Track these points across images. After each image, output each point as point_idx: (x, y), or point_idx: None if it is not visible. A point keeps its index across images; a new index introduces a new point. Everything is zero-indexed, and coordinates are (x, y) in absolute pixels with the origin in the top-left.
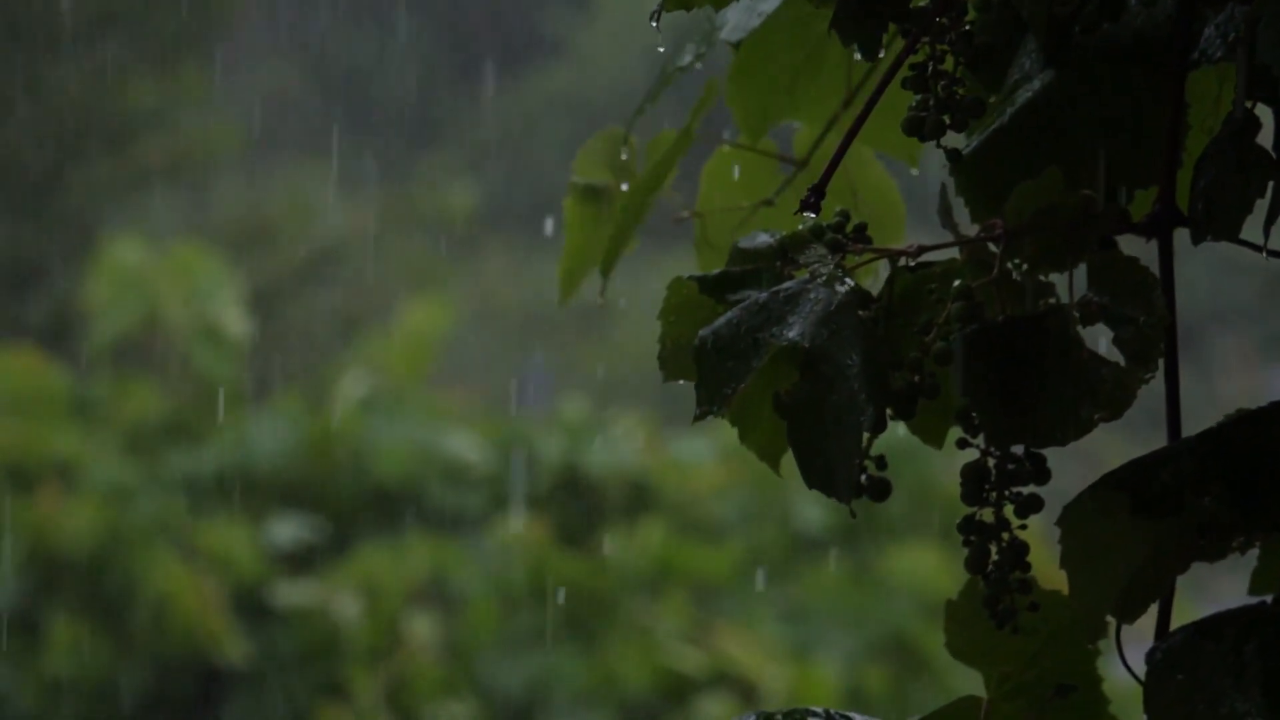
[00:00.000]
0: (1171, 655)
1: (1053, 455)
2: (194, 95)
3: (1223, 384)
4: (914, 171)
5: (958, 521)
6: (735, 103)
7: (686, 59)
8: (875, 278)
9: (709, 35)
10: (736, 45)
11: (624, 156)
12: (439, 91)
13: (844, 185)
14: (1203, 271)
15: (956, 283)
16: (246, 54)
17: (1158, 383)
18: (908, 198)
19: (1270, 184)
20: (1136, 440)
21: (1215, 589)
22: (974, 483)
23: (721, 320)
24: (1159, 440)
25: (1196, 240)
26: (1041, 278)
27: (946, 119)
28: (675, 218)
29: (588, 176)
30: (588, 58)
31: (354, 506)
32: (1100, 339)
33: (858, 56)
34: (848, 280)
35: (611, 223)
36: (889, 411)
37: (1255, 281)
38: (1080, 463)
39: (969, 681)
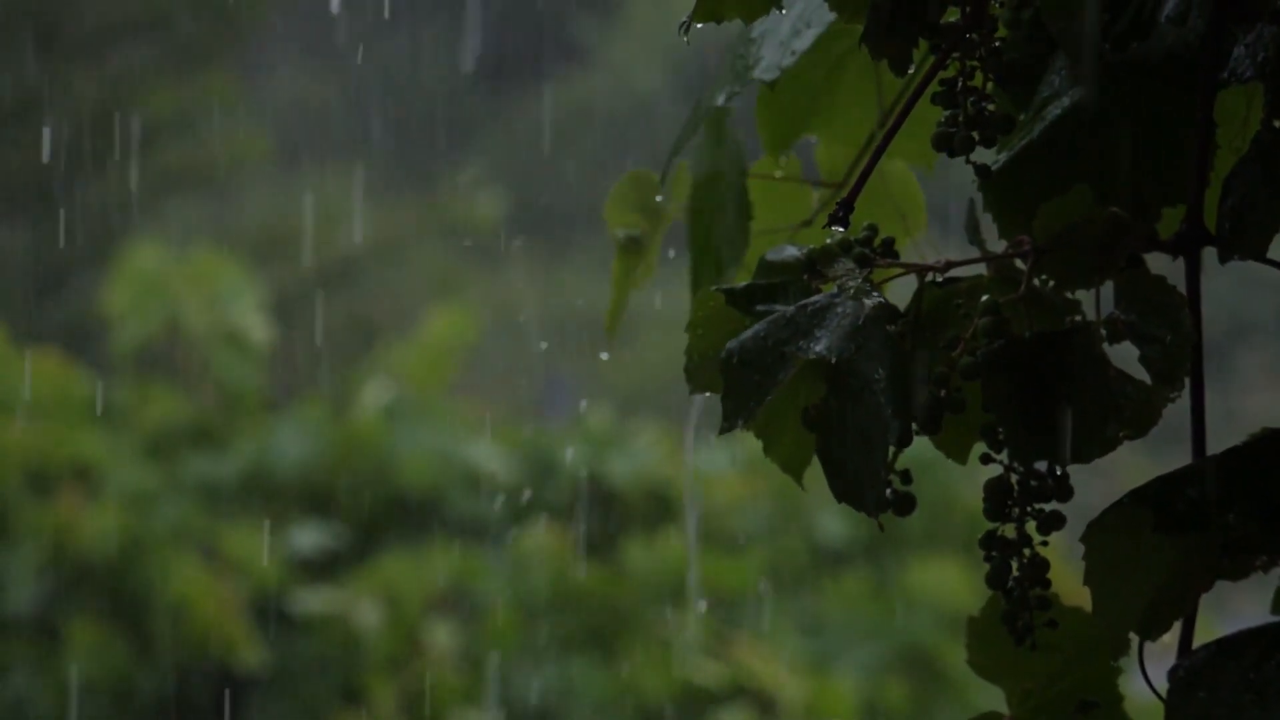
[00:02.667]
0: (1194, 672)
1: (1074, 472)
2: (219, 102)
3: (1245, 401)
4: (928, 175)
5: (979, 537)
6: (761, 118)
7: (720, 99)
8: (903, 294)
9: (742, 75)
10: (771, 85)
11: (659, 199)
12: (465, 101)
13: (875, 188)
14: (1226, 288)
15: (984, 298)
16: (272, 61)
17: (1179, 400)
18: (936, 213)
19: None
20: (1158, 457)
21: (1235, 607)
22: (997, 498)
23: (749, 333)
24: (1180, 457)
25: (1224, 259)
26: (1068, 295)
27: (975, 135)
28: None
29: (622, 225)
30: (615, 68)
31: (375, 514)
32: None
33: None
34: (875, 295)
35: (646, 262)
36: (914, 426)
37: (1278, 299)
38: (1101, 479)
39: (989, 697)
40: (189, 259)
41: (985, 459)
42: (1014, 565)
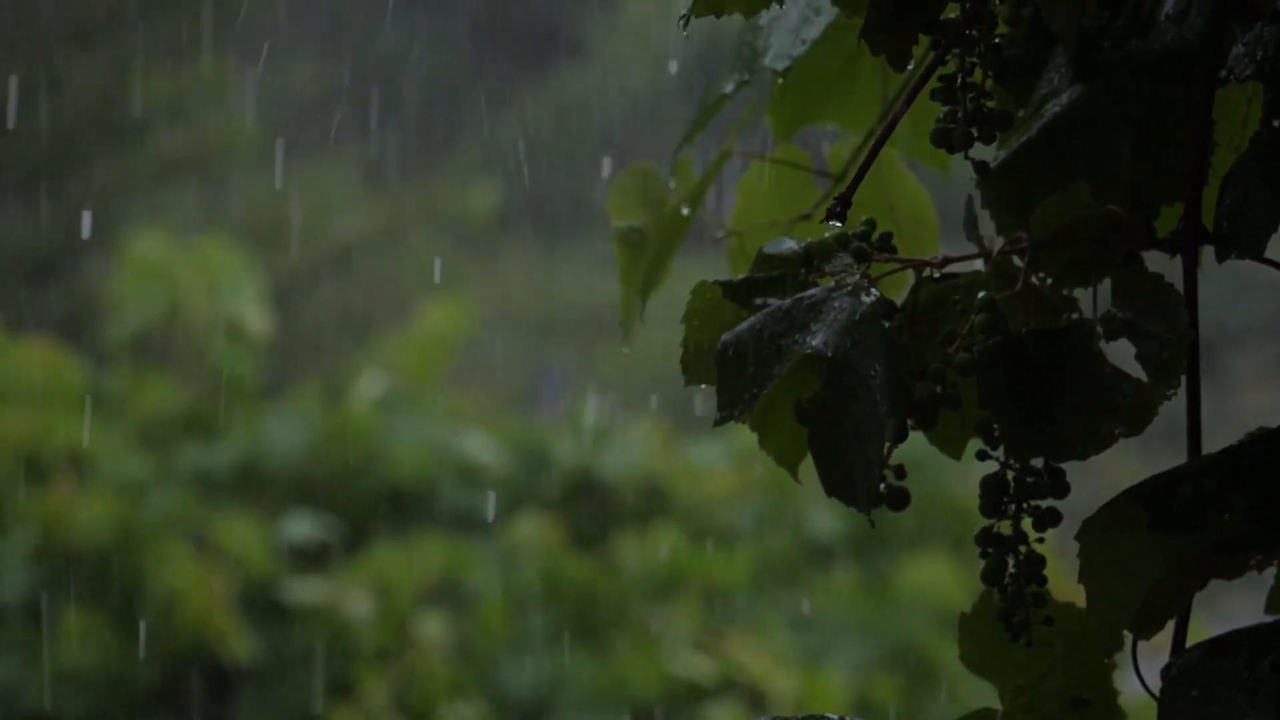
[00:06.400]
0: (1187, 671)
1: (1066, 471)
2: (215, 90)
3: (1237, 402)
4: (943, 178)
5: (975, 533)
6: (773, 107)
7: (729, 87)
8: (901, 289)
9: (751, 63)
10: (783, 73)
11: (671, 184)
12: (461, 91)
13: (879, 198)
14: (1218, 289)
15: (981, 294)
16: (268, 50)
17: (1172, 399)
18: (936, 207)
19: None
20: (1150, 456)
21: (1225, 608)
22: (993, 495)
23: (745, 325)
24: (1172, 457)
25: (1221, 258)
26: (1065, 291)
27: (974, 131)
28: (714, 237)
29: (624, 217)
30: (610, 60)
31: (368, 505)
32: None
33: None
34: (873, 290)
35: (660, 260)
36: (909, 421)
37: (1271, 300)
38: (1093, 478)
39: (979, 694)
40: (192, 247)
41: (981, 455)
42: (1010, 561)
